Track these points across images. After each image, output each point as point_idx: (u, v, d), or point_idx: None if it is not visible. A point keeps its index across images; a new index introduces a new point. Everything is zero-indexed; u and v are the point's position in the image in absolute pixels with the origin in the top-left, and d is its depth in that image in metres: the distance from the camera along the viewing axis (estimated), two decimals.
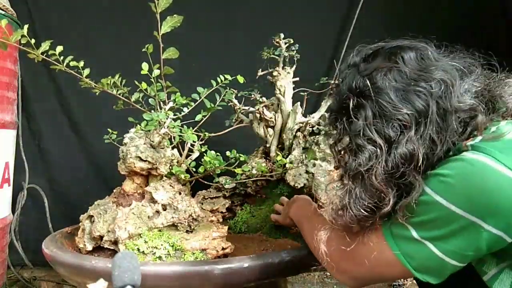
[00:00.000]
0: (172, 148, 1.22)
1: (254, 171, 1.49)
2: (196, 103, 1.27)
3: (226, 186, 1.44)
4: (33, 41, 1.05)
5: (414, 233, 0.73)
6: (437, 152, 0.73)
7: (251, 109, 1.49)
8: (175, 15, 1.07)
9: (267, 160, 1.51)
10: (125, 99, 1.24)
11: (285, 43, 1.43)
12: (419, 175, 0.73)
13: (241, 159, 1.15)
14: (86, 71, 1.15)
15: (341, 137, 0.84)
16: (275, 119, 1.49)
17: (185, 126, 1.16)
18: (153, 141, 1.13)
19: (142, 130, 1.14)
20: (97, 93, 1.24)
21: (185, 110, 1.24)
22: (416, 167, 0.72)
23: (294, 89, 1.49)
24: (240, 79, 1.29)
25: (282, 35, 1.43)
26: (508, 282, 0.72)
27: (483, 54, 0.82)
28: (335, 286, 2.18)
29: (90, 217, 1.13)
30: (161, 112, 1.14)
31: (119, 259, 0.64)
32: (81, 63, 1.13)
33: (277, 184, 1.44)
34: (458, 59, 0.80)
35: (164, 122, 1.12)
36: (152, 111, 1.19)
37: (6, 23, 1.06)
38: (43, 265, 2.01)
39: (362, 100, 0.78)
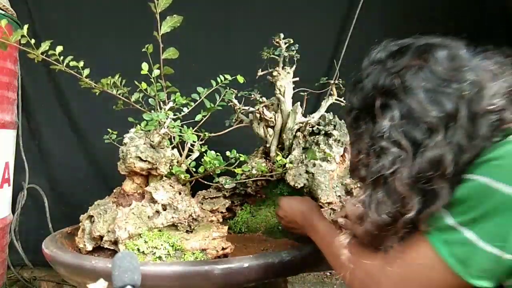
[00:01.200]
0: (172, 148, 1.22)
1: (254, 171, 1.49)
2: (196, 103, 1.27)
3: (226, 186, 1.44)
4: (33, 41, 1.05)
5: (469, 234, 0.65)
6: (464, 159, 0.68)
7: (251, 109, 1.50)
8: (174, 15, 1.06)
9: (267, 160, 1.51)
10: (125, 99, 1.24)
11: (285, 43, 1.43)
12: (446, 183, 0.67)
13: (241, 159, 1.14)
14: (86, 71, 1.15)
15: (363, 137, 0.77)
16: (275, 119, 1.49)
17: (185, 126, 1.16)
18: (153, 141, 1.12)
19: (142, 130, 1.14)
20: (97, 93, 1.24)
21: (185, 110, 1.24)
22: (443, 174, 0.67)
23: (294, 89, 1.49)
24: (240, 79, 1.29)
25: (282, 35, 1.43)
26: None
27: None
28: (335, 286, 2.18)
29: (90, 217, 1.13)
30: (161, 112, 1.14)
31: (119, 259, 0.64)
32: (81, 63, 1.13)
33: (277, 184, 1.44)
34: (489, 59, 0.75)
35: (164, 122, 1.12)
36: (152, 111, 1.19)
37: (6, 23, 1.06)
38: (43, 265, 2.01)
39: (389, 99, 0.73)
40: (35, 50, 1.06)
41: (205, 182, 1.38)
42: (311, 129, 1.44)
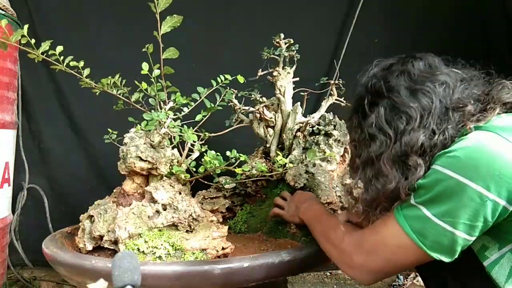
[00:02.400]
0: (172, 148, 1.22)
1: (254, 171, 1.49)
2: (196, 103, 1.27)
3: (226, 186, 1.44)
4: (33, 41, 1.05)
5: (425, 211, 0.79)
6: (437, 139, 0.82)
7: (251, 109, 1.50)
8: (175, 15, 1.06)
9: (267, 160, 1.51)
10: (125, 99, 1.25)
11: (285, 43, 1.43)
12: (420, 158, 0.82)
13: (241, 159, 1.15)
14: (86, 71, 1.15)
15: (357, 131, 0.93)
16: (275, 119, 1.49)
17: (185, 126, 1.16)
18: (153, 141, 1.12)
19: (142, 130, 1.14)
20: (97, 93, 1.24)
21: (185, 110, 1.24)
22: (417, 151, 0.82)
23: (294, 89, 1.49)
24: (241, 79, 1.29)
25: (282, 35, 1.43)
26: (508, 266, 0.78)
27: (482, 63, 0.93)
28: (335, 286, 2.18)
29: (90, 217, 1.13)
30: (161, 112, 1.14)
31: (119, 259, 0.64)
32: (81, 63, 1.13)
33: (277, 184, 1.44)
34: (461, 69, 0.91)
35: (164, 122, 1.12)
36: (152, 111, 1.19)
37: (6, 23, 1.06)
38: (43, 265, 2.01)
39: (376, 97, 0.89)
40: (35, 50, 1.06)
41: (205, 182, 1.38)
42: (311, 129, 1.45)
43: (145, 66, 1.14)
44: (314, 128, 1.44)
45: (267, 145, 1.52)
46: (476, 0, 2.21)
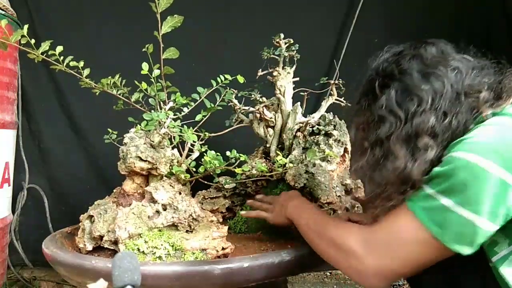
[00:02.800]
0: (172, 148, 1.22)
1: (254, 171, 1.49)
2: (196, 103, 1.27)
3: (226, 186, 1.44)
4: (32, 41, 1.05)
5: (444, 200, 0.74)
6: (448, 122, 0.81)
7: (251, 109, 1.49)
8: (175, 15, 1.06)
9: (267, 160, 1.51)
10: (125, 99, 1.25)
11: (285, 43, 1.43)
12: (432, 140, 0.80)
13: (241, 159, 1.14)
14: (86, 71, 1.15)
15: (366, 114, 0.91)
16: (275, 119, 1.49)
17: (185, 126, 1.16)
18: (153, 141, 1.12)
19: (142, 130, 1.13)
20: (97, 93, 1.24)
21: (185, 110, 1.24)
22: (428, 132, 0.81)
23: (294, 89, 1.49)
24: (240, 79, 1.29)
25: (282, 35, 1.43)
26: None
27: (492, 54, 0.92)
28: (335, 286, 2.18)
29: (90, 217, 1.13)
30: (161, 112, 1.14)
31: (119, 259, 0.64)
32: (81, 63, 1.13)
33: (277, 184, 1.44)
34: (472, 57, 0.90)
35: (164, 122, 1.12)
36: (152, 111, 1.19)
37: (6, 23, 1.06)
38: (43, 265, 2.01)
39: (388, 80, 0.88)
40: (35, 50, 1.06)
41: (205, 182, 1.38)
42: (311, 129, 1.44)
43: (145, 66, 1.13)
44: (314, 128, 1.44)
45: (267, 145, 1.52)
46: (477, 0, 2.21)
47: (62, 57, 1.10)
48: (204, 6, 2.13)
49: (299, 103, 1.47)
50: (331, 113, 1.47)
